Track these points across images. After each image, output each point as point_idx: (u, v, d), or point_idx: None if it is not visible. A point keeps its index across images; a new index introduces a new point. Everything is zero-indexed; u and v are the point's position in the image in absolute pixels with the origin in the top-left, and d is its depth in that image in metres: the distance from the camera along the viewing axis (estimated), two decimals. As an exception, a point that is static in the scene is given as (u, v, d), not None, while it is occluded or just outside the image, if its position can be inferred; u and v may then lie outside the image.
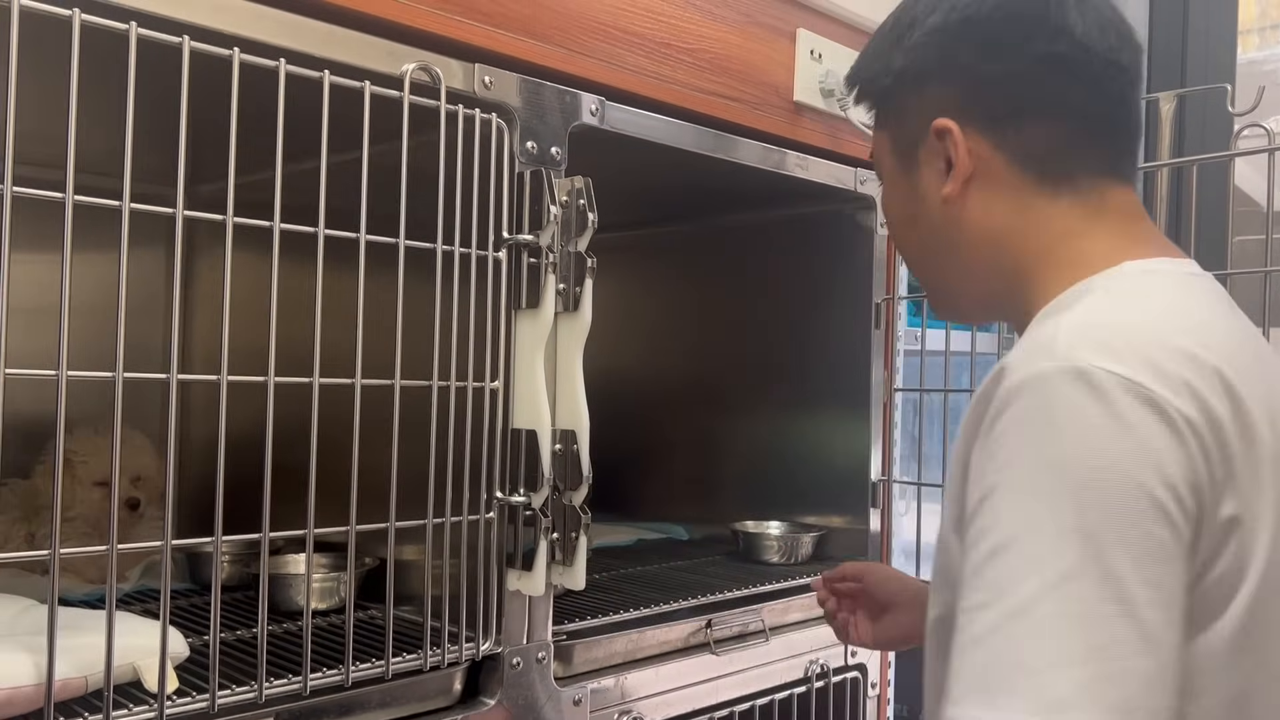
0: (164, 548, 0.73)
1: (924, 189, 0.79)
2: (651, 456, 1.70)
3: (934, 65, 0.77)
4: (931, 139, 0.77)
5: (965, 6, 0.75)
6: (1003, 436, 0.62)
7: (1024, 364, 0.63)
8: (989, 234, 0.77)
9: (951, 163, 0.76)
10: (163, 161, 0.85)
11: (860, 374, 1.42)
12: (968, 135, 0.75)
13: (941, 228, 0.79)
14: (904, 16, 0.79)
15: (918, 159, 0.79)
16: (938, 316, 0.90)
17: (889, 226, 0.87)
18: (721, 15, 1.17)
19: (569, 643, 1.04)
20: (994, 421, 0.63)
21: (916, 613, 0.98)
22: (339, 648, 0.87)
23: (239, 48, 0.74)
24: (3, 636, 0.74)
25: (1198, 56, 1.76)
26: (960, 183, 0.76)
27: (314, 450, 0.79)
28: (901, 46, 0.78)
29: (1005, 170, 0.76)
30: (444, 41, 0.91)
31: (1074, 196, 0.76)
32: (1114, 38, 0.75)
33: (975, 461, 0.65)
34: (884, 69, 0.80)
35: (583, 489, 0.98)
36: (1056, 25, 0.74)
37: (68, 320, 0.67)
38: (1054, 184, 0.75)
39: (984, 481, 0.62)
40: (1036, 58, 0.74)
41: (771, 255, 1.56)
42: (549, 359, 0.98)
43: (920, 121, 0.78)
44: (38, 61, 0.68)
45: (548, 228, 0.95)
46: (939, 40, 0.76)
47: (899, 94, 0.80)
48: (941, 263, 0.82)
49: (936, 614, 0.72)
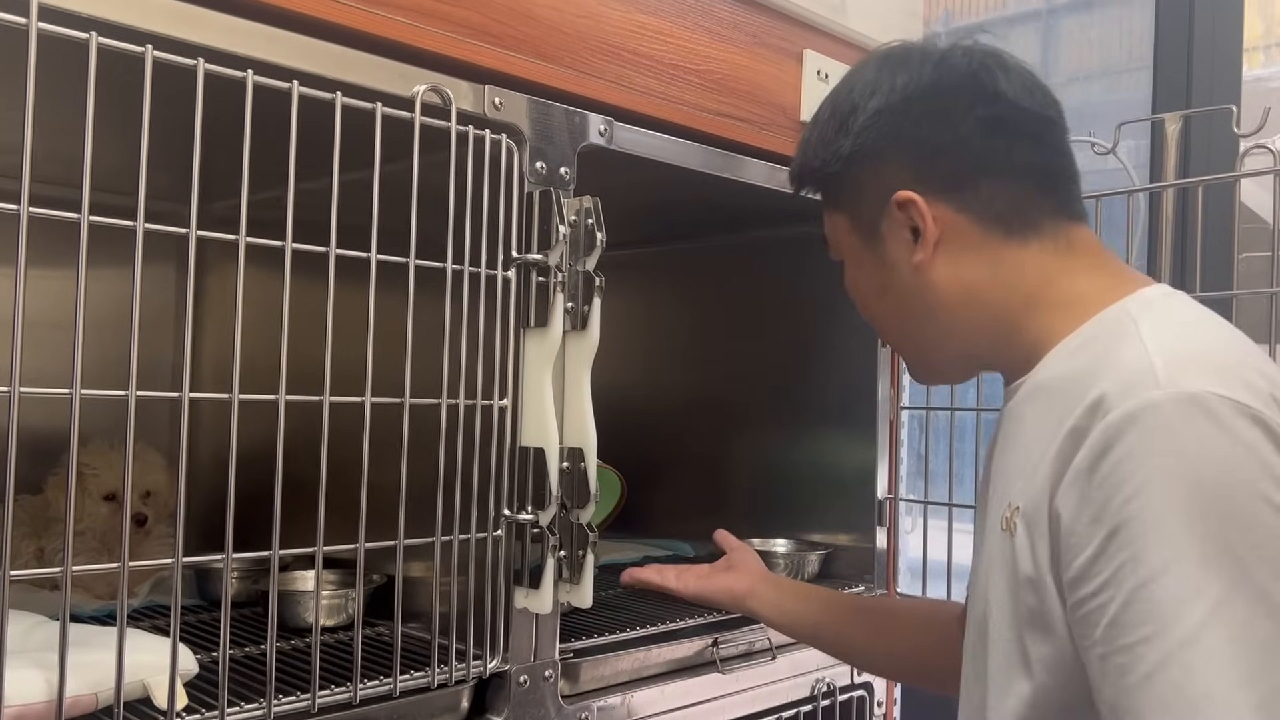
0: (175, 565, 0.73)
1: (892, 260, 0.83)
2: (657, 473, 1.70)
3: (884, 144, 0.81)
4: (894, 211, 0.81)
5: (904, 87, 0.80)
6: (1120, 468, 0.64)
7: (1126, 395, 0.65)
8: (966, 292, 0.81)
9: (918, 231, 0.80)
10: (173, 179, 0.86)
11: (866, 392, 1.43)
12: (929, 203, 0.80)
13: (916, 294, 0.82)
14: (842, 104, 0.84)
15: (881, 233, 0.83)
16: (919, 380, 0.94)
17: (858, 302, 0.90)
18: (729, 37, 1.18)
19: (576, 661, 1.04)
20: (1102, 454, 0.64)
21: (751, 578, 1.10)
22: (347, 665, 0.87)
23: (253, 70, 0.75)
24: (14, 653, 0.74)
25: (1202, 76, 1.77)
26: (930, 249, 0.80)
27: (324, 468, 0.80)
28: (847, 132, 0.82)
29: (971, 230, 0.80)
30: (454, 63, 0.92)
31: (1041, 241, 0.80)
32: (1040, 95, 0.81)
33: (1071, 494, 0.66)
34: (832, 156, 0.84)
35: (590, 507, 0.98)
36: (990, 91, 0.79)
37: (75, 335, 0.68)
38: (1021, 235, 0.80)
39: (1105, 516, 0.64)
40: (978, 122, 0.79)
41: (777, 273, 1.57)
42: (557, 377, 0.98)
43: (878, 197, 0.82)
44: (52, 81, 0.68)
45: (556, 247, 0.96)
46: (885, 120, 0.81)
47: (852, 176, 0.84)
48: (917, 328, 0.85)
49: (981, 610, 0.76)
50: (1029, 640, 0.71)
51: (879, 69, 0.82)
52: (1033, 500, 0.70)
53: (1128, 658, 0.62)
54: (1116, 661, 0.62)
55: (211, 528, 0.87)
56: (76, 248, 0.67)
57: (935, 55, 0.81)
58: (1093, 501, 0.65)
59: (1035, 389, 0.78)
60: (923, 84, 0.80)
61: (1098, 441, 0.65)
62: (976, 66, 0.80)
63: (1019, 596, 0.72)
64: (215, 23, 0.76)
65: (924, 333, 0.85)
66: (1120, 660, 0.62)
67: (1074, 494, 0.66)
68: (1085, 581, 0.65)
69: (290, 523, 0.80)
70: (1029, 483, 0.72)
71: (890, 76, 0.81)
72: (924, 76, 0.80)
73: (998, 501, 0.78)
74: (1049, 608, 0.69)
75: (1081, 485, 0.66)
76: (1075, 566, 0.65)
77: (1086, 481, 0.65)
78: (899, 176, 0.80)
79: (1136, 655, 0.61)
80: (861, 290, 0.88)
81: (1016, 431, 0.79)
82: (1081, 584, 0.65)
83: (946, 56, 0.81)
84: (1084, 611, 0.65)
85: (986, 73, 0.79)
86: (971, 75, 0.80)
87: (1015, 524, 0.73)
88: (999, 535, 0.76)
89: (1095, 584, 0.64)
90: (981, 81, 0.79)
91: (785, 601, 1.10)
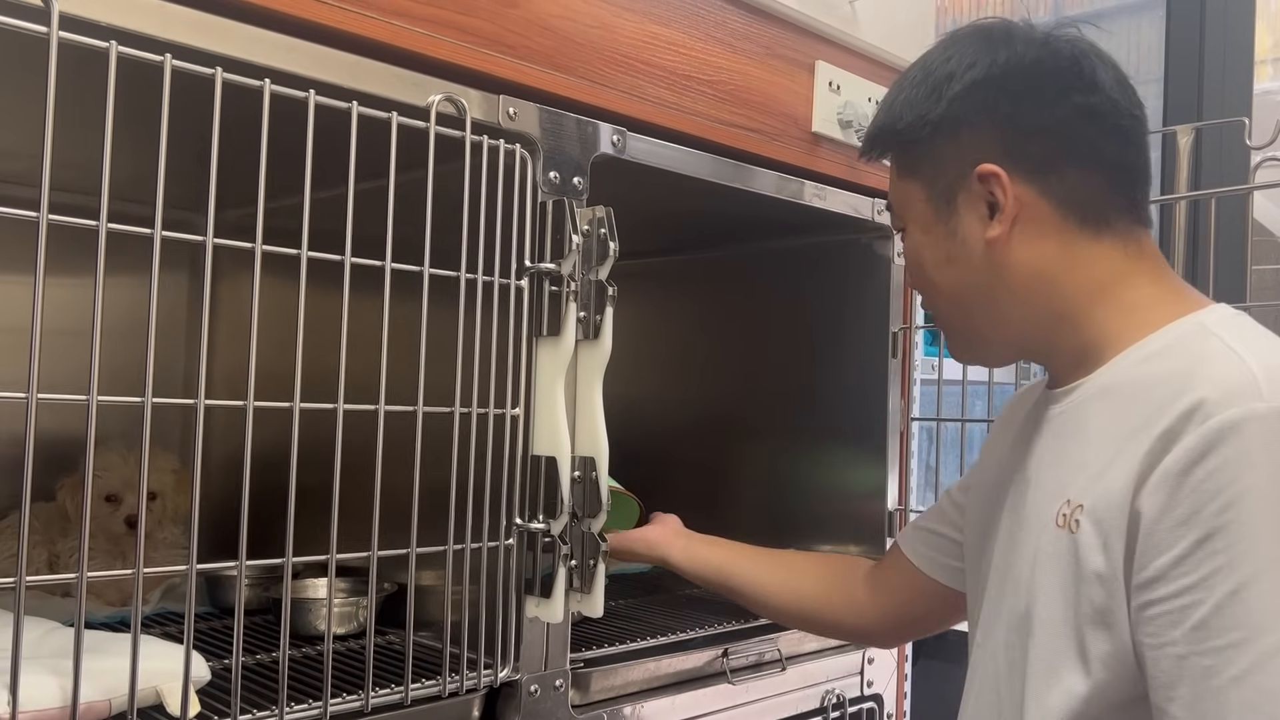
0: (189, 572, 0.73)
1: (964, 233, 0.82)
2: (666, 483, 1.69)
3: (975, 115, 0.80)
4: (974, 184, 0.80)
5: (1005, 61, 0.80)
6: (1218, 474, 0.65)
7: (1228, 403, 0.66)
8: (1034, 275, 0.81)
9: (995, 207, 0.80)
10: (186, 187, 0.86)
11: (876, 403, 1.42)
12: (1012, 181, 0.79)
13: (983, 270, 0.82)
14: (936, 70, 0.83)
15: (957, 204, 0.82)
16: (957, 358, 0.92)
17: (915, 271, 0.89)
18: (742, 48, 1.19)
19: (586, 670, 1.03)
20: (1199, 459, 0.65)
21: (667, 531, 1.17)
22: (358, 673, 0.87)
23: (270, 79, 0.76)
24: (28, 659, 0.74)
25: (1214, 88, 1.77)
26: (1008, 225, 0.80)
27: (337, 476, 0.80)
28: (940, 98, 0.81)
29: (1049, 215, 0.80)
30: (469, 73, 0.92)
31: (1114, 239, 0.80)
32: (1131, 93, 0.81)
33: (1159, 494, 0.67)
34: (919, 120, 0.83)
35: (601, 516, 0.98)
36: (1089, 80, 0.79)
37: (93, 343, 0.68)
38: (1095, 228, 0.80)
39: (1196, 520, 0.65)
40: (1074, 109, 0.79)
41: (788, 284, 1.57)
42: (568, 386, 0.98)
43: (960, 168, 0.81)
44: (64, 88, 0.68)
45: (569, 256, 0.96)
46: (981, 92, 0.80)
47: (935, 144, 0.83)
48: (978, 305, 0.84)
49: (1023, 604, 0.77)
50: (1091, 637, 0.71)
51: (979, 41, 0.82)
52: (1106, 499, 0.71)
53: (1215, 660, 0.63)
54: (1202, 664, 0.64)
55: (221, 533, 0.87)
56: (92, 255, 0.67)
57: (1040, 36, 0.81)
58: (1182, 504, 0.65)
59: (1102, 391, 0.77)
60: (1026, 62, 0.79)
61: (1194, 446, 0.65)
62: (1079, 53, 0.80)
63: (1082, 592, 0.72)
64: (234, 32, 0.77)
65: (983, 310, 0.84)
66: (1206, 662, 0.64)
67: (1161, 495, 0.67)
68: (1165, 582, 0.66)
69: (300, 529, 0.80)
70: (1097, 481, 0.72)
71: (991, 50, 0.80)
72: (1028, 55, 0.80)
73: (1046, 498, 0.78)
74: (1117, 604, 0.70)
75: (1171, 487, 0.66)
76: (1155, 566, 0.66)
77: (1178, 484, 0.66)
78: (985, 150, 0.80)
79: (1225, 659, 0.63)
80: (924, 260, 0.86)
81: (1075, 430, 0.79)
82: (1160, 584, 0.66)
83: (1050, 40, 0.81)
84: (1160, 610, 0.66)
85: (1087, 61, 0.79)
86: (1074, 60, 0.79)
87: (1077, 521, 0.73)
88: (1053, 531, 0.76)
89: (1178, 585, 0.65)
90: (1083, 68, 0.79)
91: (695, 547, 1.16)
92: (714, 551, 1.15)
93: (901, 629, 1.12)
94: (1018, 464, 0.85)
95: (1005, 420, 0.96)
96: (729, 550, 1.15)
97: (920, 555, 1.04)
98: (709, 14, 1.15)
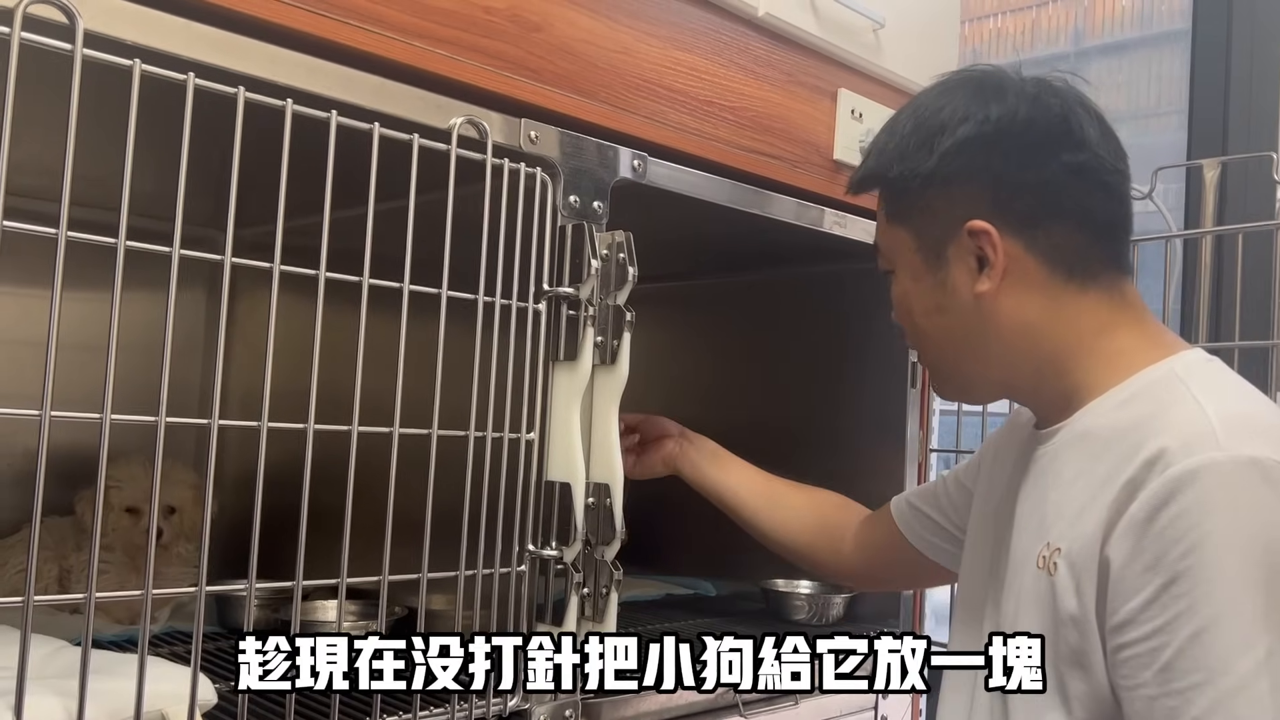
0: (198, 593, 0.73)
1: (953, 284, 0.84)
2: (678, 510, 1.68)
3: (966, 171, 0.82)
4: (964, 238, 0.82)
5: (998, 119, 0.81)
6: (1179, 521, 0.66)
7: (1187, 452, 0.68)
8: (1022, 327, 0.82)
9: (984, 260, 0.82)
10: (203, 203, 0.86)
11: (895, 432, 1.41)
12: (1001, 236, 0.81)
13: (972, 321, 0.84)
14: (928, 121, 0.83)
15: (947, 256, 0.84)
16: (941, 396, 0.97)
17: (903, 316, 0.91)
18: (764, 74, 1.18)
19: (597, 701, 1.02)
20: (1161, 506, 0.67)
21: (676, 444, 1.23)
22: (366, 698, 0.86)
23: (292, 99, 0.75)
24: (33, 679, 0.73)
25: (1238, 121, 1.76)
26: (998, 280, 0.81)
27: (349, 500, 0.79)
28: (931, 151, 0.82)
29: (1036, 269, 0.81)
30: (492, 96, 0.92)
31: (1099, 291, 0.82)
32: (1115, 146, 0.82)
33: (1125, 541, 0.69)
34: (911, 171, 0.84)
35: (615, 544, 0.97)
36: (1078, 138, 0.80)
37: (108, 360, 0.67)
38: (1081, 281, 0.82)
39: (1161, 566, 0.67)
40: (1062, 167, 0.80)
41: (806, 311, 1.56)
42: (584, 412, 0.97)
43: (949, 222, 0.82)
44: (86, 104, 0.68)
45: (588, 281, 0.95)
46: (973, 149, 0.81)
47: (927, 195, 0.84)
48: (966, 352, 0.86)
49: None
50: (1068, 677, 0.73)
51: (972, 94, 0.82)
52: (1080, 544, 0.72)
53: (1178, 701, 0.65)
54: (1167, 704, 0.66)
55: (232, 551, 0.86)
56: (109, 272, 0.67)
57: (1030, 91, 0.82)
58: (1148, 551, 0.67)
59: (1078, 436, 0.79)
60: (1017, 119, 0.80)
61: (1157, 494, 0.67)
62: (1068, 110, 0.81)
63: (1060, 634, 0.74)
64: (258, 52, 0.77)
65: (970, 357, 0.86)
66: (1171, 703, 0.65)
67: (1127, 542, 0.68)
68: (1134, 626, 0.68)
69: (309, 549, 0.79)
70: (1073, 526, 0.74)
71: (984, 105, 0.81)
72: (1019, 112, 0.81)
73: (1030, 539, 0.80)
74: (1091, 647, 0.71)
75: (1136, 534, 0.68)
76: (1125, 611, 0.68)
77: (1143, 532, 0.68)
78: (974, 205, 0.81)
79: (1186, 699, 0.65)
80: (912, 306, 0.89)
81: (1054, 474, 0.80)
82: (1130, 628, 0.68)
83: (1040, 95, 0.82)
84: (1131, 654, 0.68)
85: (1075, 118, 0.81)
86: (1063, 118, 0.80)
87: (1056, 564, 0.75)
88: (1034, 573, 0.78)
89: (1147, 629, 0.67)
90: (1070, 126, 0.80)
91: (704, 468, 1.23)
92: (719, 476, 1.22)
93: (876, 582, 1.27)
94: (1009, 499, 0.87)
95: (1004, 442, 0.96)
96: (734, 477, 1.22)
97: (910, 528, 1.11)
98: (732, 40, 1.15)
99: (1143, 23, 4.93)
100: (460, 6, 0.90)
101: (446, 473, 0.86)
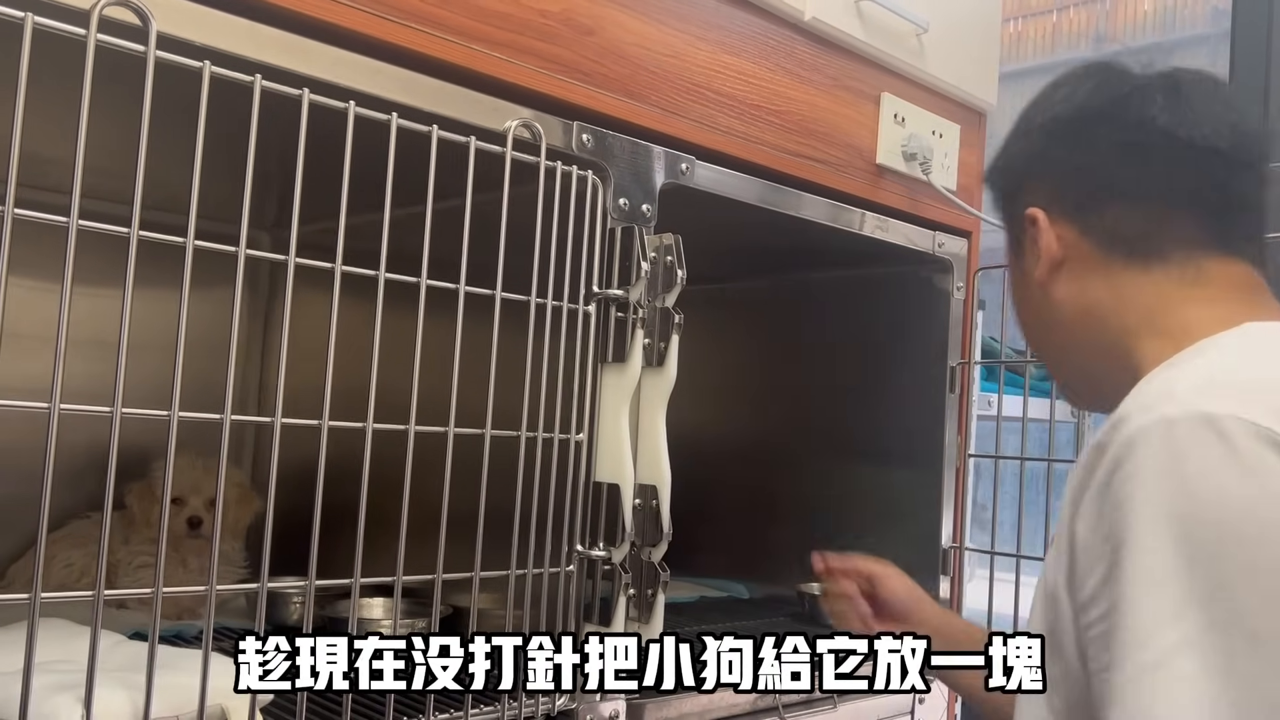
0: (260, 589, 0.73)
1: (1028, 275, 0.84)
2: (715, 512, 1.68)
3: (1034, 161, 0.83)
4: (1029, 227, 0.82)
5: (1057, 105, 0.82)
6: (1126, 485, 0.61)
7: (1144, 411, 0.63)
8: (1083, 312, 0.81)
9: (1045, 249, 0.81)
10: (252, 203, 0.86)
11: (934, 438, 1.41)
12: (1056, 223, 0.81)
13: (1042, 309, 0.84)
14: (1021, 117, 0.86)
15: (1023, 246, 0.84)
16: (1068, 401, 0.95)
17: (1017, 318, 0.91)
18: (810, 79, 1.19)
19: (641, 702, 1.02)
20: (1113, 470, 0.63)
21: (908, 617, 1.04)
22: (418, 697, 0.86)
23: (354, 101, 0.76)
24: (97, 671, 0.74)
25: (1275, 127, 1.75)
26: (1048, 268, 0.81)
27: (406, 498, 0.80)
28: (1016, 144, 0.85)
29: (1092, 253, 0.80)
30: (545, 99, 0.93)
31: (1165, 269, 0.78)
32: (1209, 126, 0.78)
33: (1089, 510, 0.64)
34: (993, 167, 0.87)
35: (662, 545, 0.97)
36: (1136, 117, 0.78)
37: (176, 360, 0.68)
38: (1143, 259, 0.79)
39: (1109, 533, 0.62)
40: (1117, 147, 0.79)
41: (847, 314, 1.56)
42: (632, 413, 0.98)
43: (1021, 213, 0.83)
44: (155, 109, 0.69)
45: (637, 283, 0.96)
46: (1039, 137, 0.83)
47: (1003, 189, 0.87)
48: (1048, 343, 0.86)
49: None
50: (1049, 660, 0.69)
51: (1057, 85, 0.83)
52: (1061, 518, 0.68)
53: (1103, 678, 0.61)
54: (1098, 680, 0.61)
55: (278, 548, 0.86)
56: (167, 270, 0.68)
57: (1099, 77, 0.81)
58: (1106, 519, 0.62)
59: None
60: (1073, 104, 0.81)
61: (1112, 457, 0.63)
62: (1131, 90, 0.79)
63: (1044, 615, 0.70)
64: (322, 54, 0.77)
65: (1051, 347, 0.87)
66: (1100, 678, 0.61)
67: (1091, 511, 0.64)
68: (1096, 604, 0.63)
69: (351, 548, 0.79)
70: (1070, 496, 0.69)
71: (1052, 93, 0.83)
72: (1076, 97, 0.81)
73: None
74: (1062, 626, 0.66)
75: (1098, 502, 0.63)
76: (1089, 587, 0.63)
77: (1102, 498, 0.63)
78: (1040, 194, 0.82)
79: (1103, 680, 0.61)
80: (1014, 298, 0.89)
81: None
82: (1092, 606, 0.63)
83: (1109, 79, 0.81)
84: (1096, 633, 0.63)
85: (1140, 97, 0.78)
86: (1121, 100, 0.79)
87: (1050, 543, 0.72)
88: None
89: (1104, 607, 0.62)
90: (1130, 106, 0.78)
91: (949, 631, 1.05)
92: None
93: None
94: None
95: None
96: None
97: None
98: (779, 44, 1.15)
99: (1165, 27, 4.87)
100: (516, 10, 0.90)
101: (496, 473, 0.87)
